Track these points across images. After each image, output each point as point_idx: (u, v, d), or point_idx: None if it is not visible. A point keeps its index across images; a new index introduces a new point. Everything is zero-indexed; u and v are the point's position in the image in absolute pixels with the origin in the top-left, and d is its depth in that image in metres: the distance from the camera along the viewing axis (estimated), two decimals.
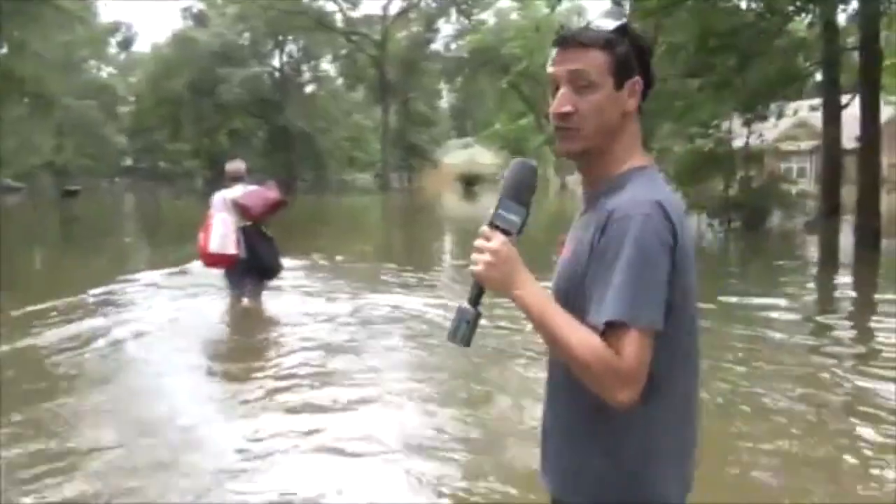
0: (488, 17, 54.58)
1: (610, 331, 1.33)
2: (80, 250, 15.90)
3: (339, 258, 12.91)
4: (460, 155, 62.36)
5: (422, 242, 18.60)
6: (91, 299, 8.81)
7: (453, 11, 51.71)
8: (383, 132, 54.53)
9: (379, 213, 33.56)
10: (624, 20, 1.55)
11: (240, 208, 7.35)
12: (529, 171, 1.47)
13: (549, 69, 1.48)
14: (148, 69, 56.87)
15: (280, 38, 54.86)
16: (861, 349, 6.55)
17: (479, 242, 1.43)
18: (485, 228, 1.44)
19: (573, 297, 1.42)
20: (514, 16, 51.33)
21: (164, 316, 7.82)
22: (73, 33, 43.96)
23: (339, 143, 57.35)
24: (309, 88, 60.57)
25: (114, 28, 56.66)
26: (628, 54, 1.44)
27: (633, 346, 1.32)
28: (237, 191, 7.47)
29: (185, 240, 10.04)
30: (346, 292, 9.16)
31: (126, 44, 60.43)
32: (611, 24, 1.48)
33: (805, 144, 21.28)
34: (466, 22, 53.84)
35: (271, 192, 7.64)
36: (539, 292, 1.41)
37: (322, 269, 11.46)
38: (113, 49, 60.37)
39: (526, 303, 1.40)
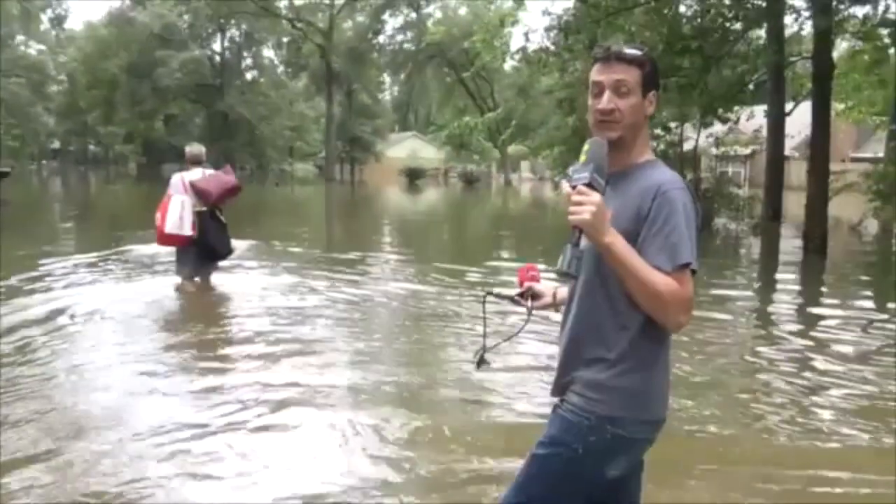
0: (434, 10, 54.67)
1: (676, 270, 1.79)
2: (13, 234, 15.27)
3: (278, 244, 13.21)
4: (403, 148, 62.16)
5: (364, 233, 18.52)
6: (29, 281, 8.63)
7: (402, 4, 51.28)
8: (327, 122, 53.80)
9: (322, 205, 33.14)
10: (646, 48, 2.01)
11: (199, 192, 7.58)
12: (605, 147, 1.85)
13: (596, 77, 1.93)
14: (82, 48, 54.68)
15: (222, 21, 53.51)
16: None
17: (579, 197, 1.77)
18: (581, 187, 1.78)
19: None
20: (461, 10, 51.55)
21: (108, 296, 7.80)
22: (2, 7, 41.95)
23: (280, 132, 56.40)
24: (250, 75, 59.36)
25: (46, 4, 54.14)
26: (652, 73, 1.94)
27: (690, 283, 1.81)
28: (196, 174, 7.71)
29: (121, 224, 9.91)
30: (288, 274, 9.58)
31: (58, 21, 57.91)
32: (641, 49, 1.96)
33: (738, 150, 22.05)
34: (413, 14, 53.64)
35: (229, 177, 7.93)
36: (622, 239, 1.80)
37: (266, 253, 11.83)
38: (44, 26, 57.68)
39: (617, 247, 1.79)
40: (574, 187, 1.78)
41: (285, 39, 56.17)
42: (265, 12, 49.60)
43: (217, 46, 56.37)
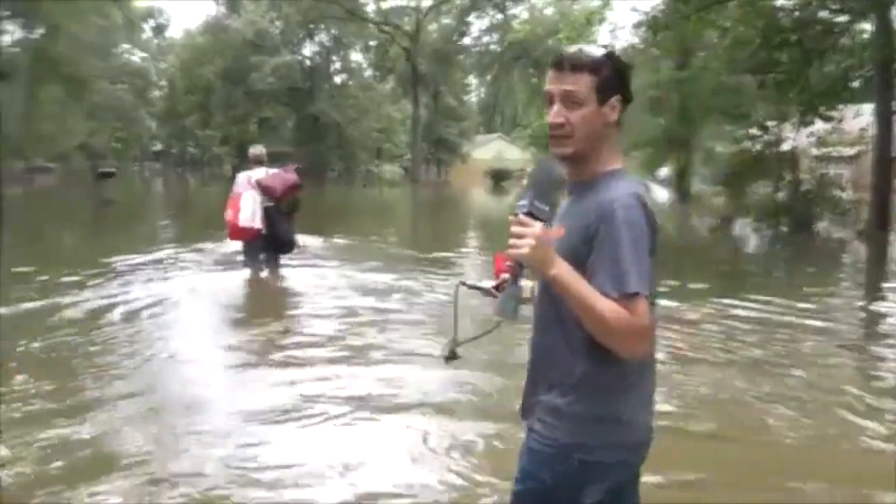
0: (521, 12, 54.18)
1: (626, 299, 1.66)
2: (116, 230, 16.40)
3: (356, 240, 13.68)
4: (488, 150, 61.88)
5: (449, 233, 18.46)
6: (119, 270, 9.55)
7: (487, 5, 51.08)
8: (413, 124, 54.19)
9: (408, 205, 33.35)
10: (610, 48, 1.86)
11: (265, 188, 8.15)
12: (557, 169, 1.77)
13: (547, 87, 1.81)
14: (180, 56, 57.02)
15: (312, 27, 54.67)
16: None
17: (518, 229, 1.67)
18: (522, 217, 1.67)
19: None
20: (547, 11, 50.87)
21: (186, 286, 8.45)
22: (109, 17, 44.14)
23: (368, 134, 57.16)
24: (339, 79, 60.43)
25: (148, 13, 56.78)
26: (611, 77, 1.78)
27: (643, 309, 1.67)
28: (260, 172, 8.32)
29: (211, 222, 10.88)
30: (363, 270, 9.90)
31: (159, 29, 60.64)
32: (599, 52, 1.80)
33: (842, 150, 20.61)
34: (500, 16, 53.37)
35: (290, 175, 8.53)
36: (570, 270, 1.69)
37: (341, 249, 12.17)
38: (146, 34, 60.53)
39: (563, 280, 1.68)
40: (518, 215, 1.69)
41: (372, 43, 56.89)
42: (353, 17, 50.36)
43: (307, 51, 57.64)
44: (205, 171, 66.85)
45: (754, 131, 16.44)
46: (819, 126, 17.06)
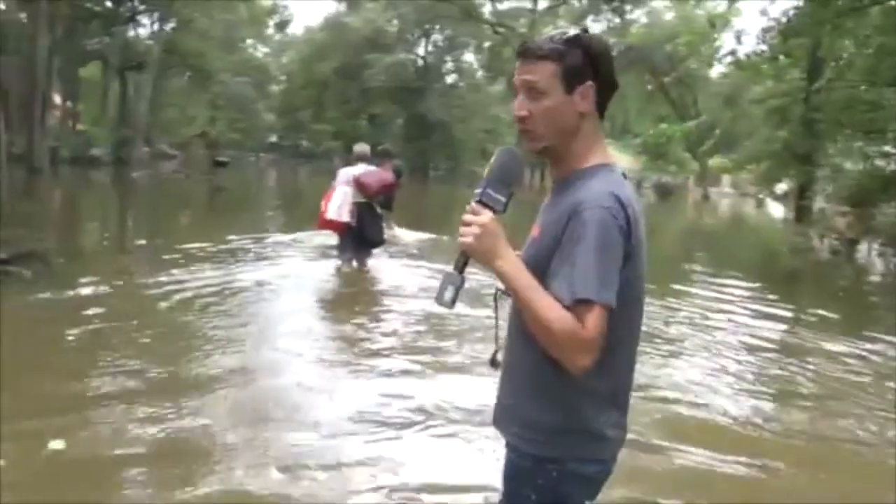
0: (640, 16, 52.79)
1: (577, 305, 1.53)
2: (223, 215, 17.30)
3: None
4: None
5: None
6: (223, 253, 10.15)
7: (604, 8, 50.03)
8: None
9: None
10: (577, 31, 1.67)
11: (360, 185, 8.54)
12: (516, 159, 1.66)
13: (514, 78, 1.68)
14: (300, 51, 58.89)
15: (427, 27, 55.23)
16: None
17: (468, 217, 1.60)
18: (473, 205, 1.61)
19: (538, 273, 1.60)
20: (668, 16, 49.33)
21: (281, 271, 8.94)
22: (236, 13, 46.09)
23: (474, 135, 57.23)
24: (450, 79, 60.78)
25: (272, 10, 58.92)
26: (578, 63, 1.64)
27: (595, 320, 1.53)
28: (360, 169, 8.70)
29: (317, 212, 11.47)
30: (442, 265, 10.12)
31: (282, 26, 62.83)
32: (567, 35, 1.65)
33: None
34: (617, 20, 52.19)
35: (387, 174, 9.02)
36: (517, 264, 1.60)
37: (437, 247, 12.43)
38: (269, 30, 62.86)
39: (506, 272, 1.59)
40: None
41: (486, 44, 56.87)
42: (469, 17, 50.48)
43: (421, 51, 58.25)
44: (316, 164, 69.05)
45: (889, 149, 15.22)
46: None
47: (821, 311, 8.78)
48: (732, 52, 15.63)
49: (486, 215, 1.60)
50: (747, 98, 31.16)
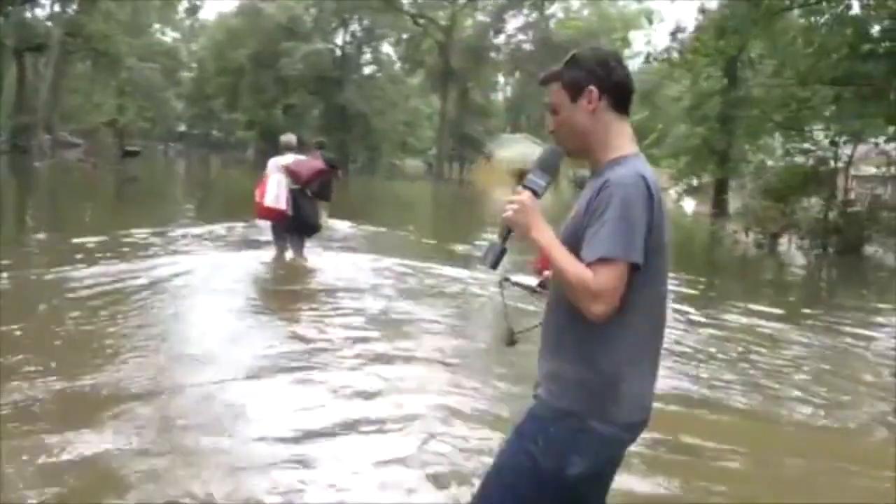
0: (556, 10, 53.58)
1: (596, 263, 1.76)
2: (138, 206, 16.53)
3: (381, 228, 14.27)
4: (513, 150, 61.23)
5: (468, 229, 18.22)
6: (140, 243, 10.01)
7: (525, 4, 50.48)
8: (441, 120, 53.70)
9: (431, 202, 32.92)
10: (573, 52, 1.96)
11: (291, 173, 8.67)
12: (556, 154, 1.96)
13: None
14: (213, 37, 56.90)
15: (346, 16, 54.34)
16: None
17: (511, 197, 1.88)
18: (518, 188, 1.90)
19: (572, 246, 1.83)
20: (585, 12, 50.33)
21: (209, 262, 8.86)
22: None
23: (394, 127, 56.74)
24: (368, 70, 60.06)
25: None
26: (576, 74, 1.91)
27: (607, 273, 1.75)
28: (289, 158, 8.84)
29: (234, 204, 11.07)
30: (381, 255, 10.35)
31: (192, 10, 60.51)
32: (561, 65, 1.95)
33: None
34: (535, 15, 52.77)
35: (317, 162, 9.26)
36: (550, 236, 1.85)
37: (364, 235, 12.89)
38: (179, 15, 60.45)
39: (540, 240, 1.84)
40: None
41: (405, 36, 56.47)
42: (389, 7, 49.96)
43: (339, 40, 57.30)
44: (228, 154, 66.99)
45: (807, 146, 15.87)
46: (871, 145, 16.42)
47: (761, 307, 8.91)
48: (668, 50, 15.70)
49: (526, 194, 1.87)
50: (663, 95, 32.03)
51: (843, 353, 6.92)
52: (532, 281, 2.20)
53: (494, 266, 1.90)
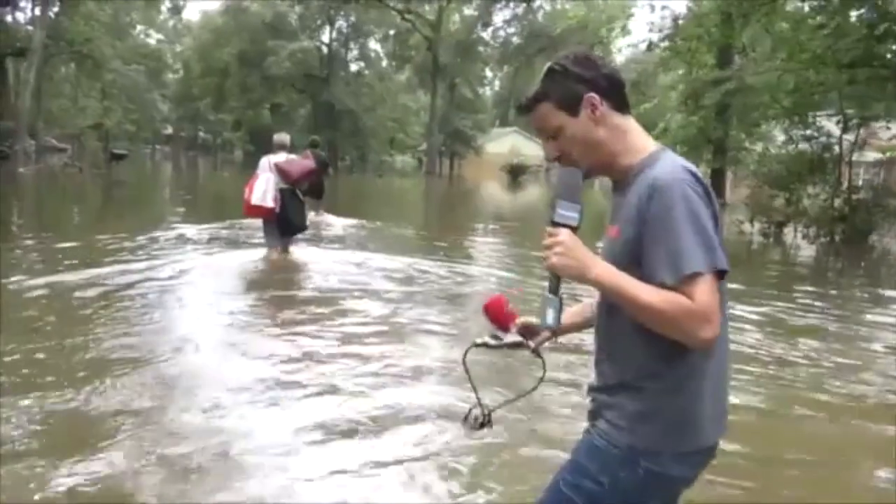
0: (543, 3, 53.27)
1: (684, 283, 1.51)
2: (127, 210, 16.33)
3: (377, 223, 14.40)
4: (503, 144, 60.96)
5: (463, 226, 18.02)
6: (131, 245, 9.93)
7: None
8: (431, 115, 53.35)
9: (422, 198, 32.63)
10: (549, 64, 1.71)
11: (281, 172, 8.77)
12: (575, 175, 1.68)
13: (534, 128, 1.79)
14: (198, 38, 56.30)
15: (332, 12, 53.88)
16: None
17: (548, 241, 1.61)
18: (549, 228, 1.63)
19: (625, 267, 1.60)
20: (567, 5, 50.02)
21: (200, 261, 8.91)
22: None
23: (383, 124, 56.36)
24: (355, 67, 59.66)
25: None
26: (565, 87, 1.68)
27: (703, 289, 1.51)
28: (281, 157, 8.94)
29: (223, 205, 10.83)
30: (370, 251, 10.41)
31: (176, 10, 59.81)
32: (538, 86, 1.71)
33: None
34: (520, 8, 52.47)
35: (308, 161, 9.51)
36: (610, 269, 1.59)
37: (356, 232, 12.98)
38: (162, 15, 59.77)
39: (603, 281, 1.58)
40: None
41: (391, 32, 56.09)
42: (376, 3, 49.56)
43: (325, 38, 56.85)
44: (217, 155, 66.42)
45: (810, 132, 15.64)
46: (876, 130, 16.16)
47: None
48: (670, 37, 15.42)
49: (564, 233, 1.61)
50: (656, 84, 31.77)
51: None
52: (512, 337, 1.85)
53: (557, 324, 1.65)
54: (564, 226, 1.62)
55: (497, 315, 1.86)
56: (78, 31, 39.71)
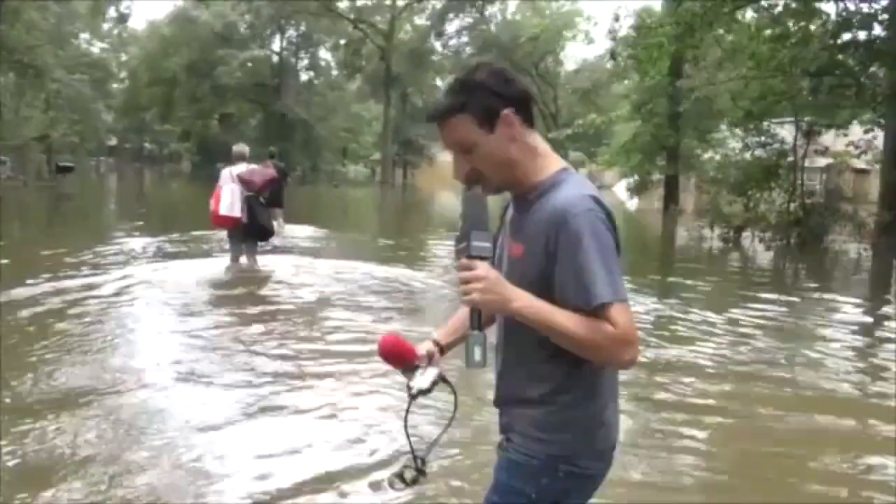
0: (495, 13, 53.66)
1: (601, 310, 1.56)
2: (77, 224, 15.96)
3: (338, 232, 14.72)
4: None
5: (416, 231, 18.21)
6: (86, 259, 10.04)
7: (466, 5, 50.40)
8: (385, 125, 53.20)
9: (378, 207, 32.49)
10: (462, 75, 1.67)
11: (245, 182, 8.98)
12: (481, 201, 1.64)
13: (441, 143, 1.71)
14: (144, 47, 55.08)
15: (282, 21, 53.34)
16: None
17: (464, 274, 1.56)
18: (464, 261, 1.57)
19: (533, 289, 1.61)
20: (518, 16, 50.60)
21: (157, 272, 9.04)
22: (69, 4, 42.27)
23: (335, 133, 55.92)
24: (306, 76, 59.13)
25: (109, 2, 54.55)
26: (484, 101, 1.63)
27: (624, 317, 1.57)
28: (241, 168, 9.14)
29: (175, 216, 10.82)
30: (331, 257, 10.72)
31: (120, 19, 58.36)
32: (458, 80, 1.67)
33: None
34: (470, 19, 52.78)
35: (269, 170, 9.88)
36: (530, 299, 1.59)
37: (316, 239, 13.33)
38: (107, 24, 58.32)
39: (526, 313, 1.58)
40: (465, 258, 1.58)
41: (342, 41, 55.79)
42: (328, 12, 49.25)
43: (276, 46, 56.25)
44: (163, 166, 64.97)
45: (765, 139, 16.09)
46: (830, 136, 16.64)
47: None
48: (632, 45, 15.67)
49: (482, 266, 1.56)
50: (609, 93, 32.33)
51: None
52: (431, 371, 1.78)
53: (485, 363, 1.60)
54: (480, 258, 1.57)
55: (401, 354, 1.77)
56: (19, 38, 38.44)
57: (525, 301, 1.58)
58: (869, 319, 8.73)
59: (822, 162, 17.96)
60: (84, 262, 9.80)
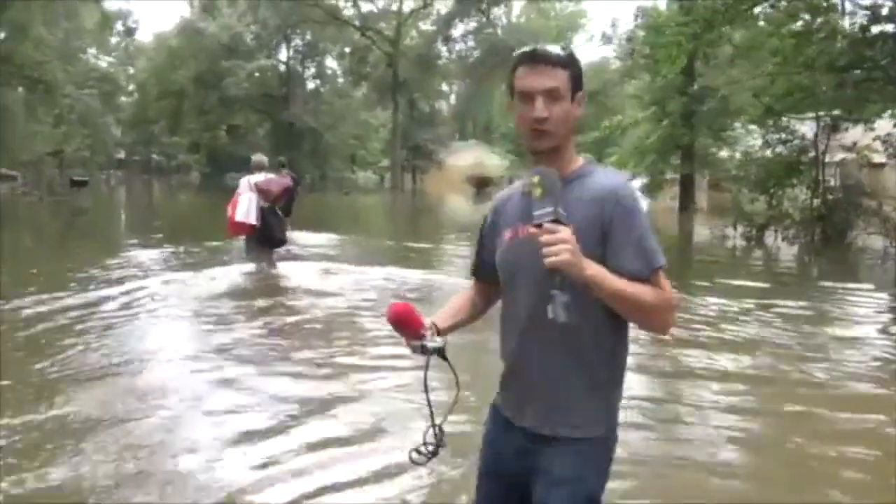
0: (500, 15, 53.68)
1: (655, 275, 1.75)
2: (93, 238, 16.14)
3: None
4: (465, 157, 61.10)
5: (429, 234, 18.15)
6: (102, 272, 10.21)
7: (472, 9, 50.39)
8: (393, 131, 53.20)
9: (390, 213, 32.47)
10: (568, 49, 1.83)
11: (262, 191, 9.32)
12: (556, 175, 1.72)
13: (523, 83, 1.79)
14: (152, 60, 55.30)
15: (288, 31, 53.46)
16: None
17: (550, 237, 1.63)
18: (548, 225, 1.64)
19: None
20: (532, 14, 50.58)
21: (178, 283, 9.12)
22: (77, 19, 42.46)
23: (344, 141, 55.97)
24: (312, 84, 59.21)
25: (116, 16, 54.86)
26: (579, 73, 1.84)
27: (666, 282, 1.78)
28: (259, 177, 9.50)
29: (191, 226, 10.88)
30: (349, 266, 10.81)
31: (128, 33, 58.69)
32: (562, 51, 1.80)
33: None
34: (475, 22, 52.76)
35: (285, 179, 10.24)
36: (600, 267, 1.70)
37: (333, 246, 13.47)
38: (114, 38, 58.61)
39: (598, 278, 1.69)
40: (539, 226, 1.66)
41: (347, 49, 55.86)
42: (333, 20, 49.31)
43: (282, 56, 56.37)
44: (172, 178, 65.19)
45: (785, 136, 15.98)
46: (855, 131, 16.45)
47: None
48: (649, 45, 15.55)
49: (566, 230, 1.64)
50: (617, 94, 32.21)
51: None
52: (439, 340, 1.83)
53: (570, 319, 1.76)
54: (561, 223, 1.65)
55: (410, 322, 1.81)
56: (28, 55, 38.63)
57: (596, 268, 1.68)
58: None
59: (838, 157, 17.80)
60: (110, 274, 10.01)
